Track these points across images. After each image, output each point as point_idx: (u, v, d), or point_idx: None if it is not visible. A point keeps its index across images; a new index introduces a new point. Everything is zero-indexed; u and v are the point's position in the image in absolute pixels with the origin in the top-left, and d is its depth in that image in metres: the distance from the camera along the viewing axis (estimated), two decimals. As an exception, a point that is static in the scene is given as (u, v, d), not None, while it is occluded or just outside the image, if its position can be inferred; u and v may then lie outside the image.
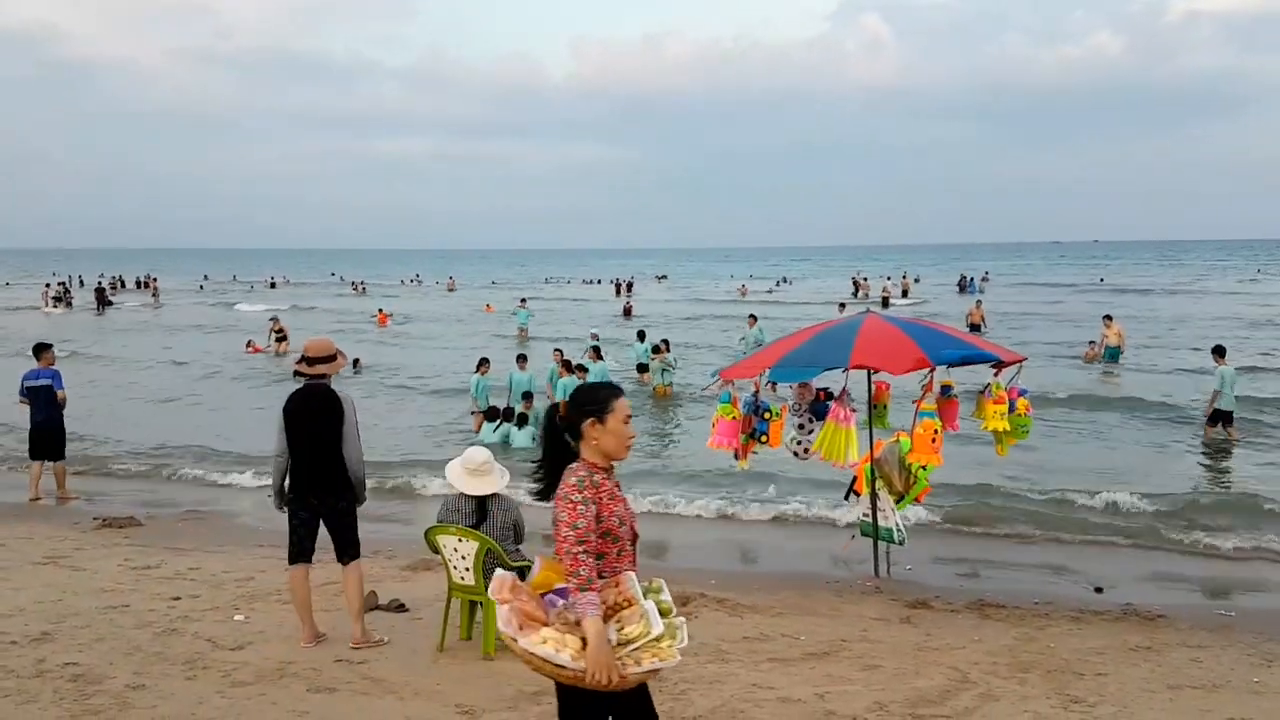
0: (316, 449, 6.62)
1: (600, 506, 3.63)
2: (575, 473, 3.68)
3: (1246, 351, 27.24)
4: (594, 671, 3.42)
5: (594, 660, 3.43)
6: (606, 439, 3.74)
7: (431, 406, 21.21)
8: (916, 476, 9.34)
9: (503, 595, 3.66)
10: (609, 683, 3.43)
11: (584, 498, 3.60)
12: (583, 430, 3.74)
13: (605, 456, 3.76)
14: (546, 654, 3.47)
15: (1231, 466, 14.38)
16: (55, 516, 11.84)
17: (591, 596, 3.50)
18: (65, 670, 6.24)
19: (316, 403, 6.65)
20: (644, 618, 3.58)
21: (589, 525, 3.58)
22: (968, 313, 32.74)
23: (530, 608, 3.63)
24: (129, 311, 53.32)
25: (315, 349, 6.78)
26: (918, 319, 9.87)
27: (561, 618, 3.60)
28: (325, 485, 6.65)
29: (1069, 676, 6.51)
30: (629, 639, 3.55)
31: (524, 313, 37.32)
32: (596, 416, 3.74)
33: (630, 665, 3.51)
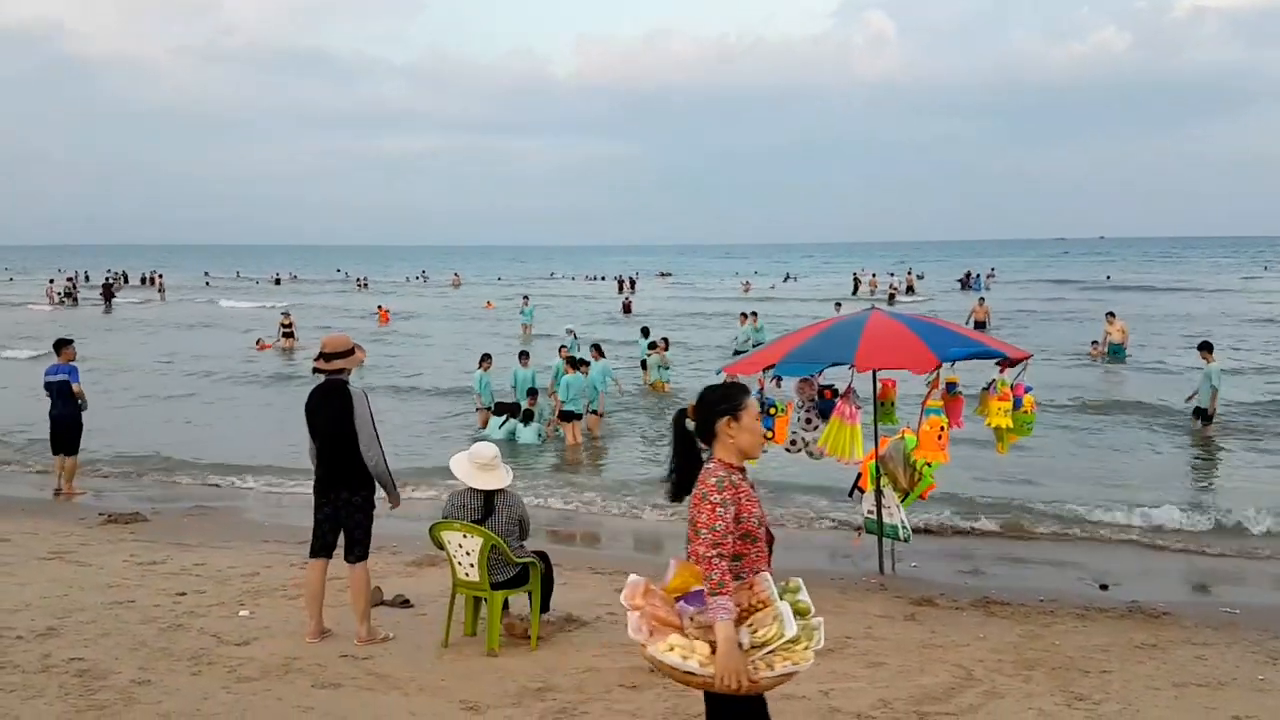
0: (332, 445, 6.65)
1: (739, 507, 3.58)
2: (713, 473, 3.61)
3: (1254, 349, 27.25)
4: (723, 676, 3.36)
5: (723, 665, 3.37)
6: (743, 436, 3.68)
7: (433, 403, 21.20)
8: (921, 473, 9.33)
9: (634, 601, 3.60)
10: (739, 687, 3.37)
11: (723, 499, 3.54)
12: (717, 430, 3.68)
13: (741, 455, 3.70)
14: (674, 662, 3.43)
15: (1235, 463, 14.35)
16: (61, 512, 11.87)
17: (724, 601, 3.43)
18: (71, 665, 6.26)
19: (331, 398, 6.68)
20: (778, 620, 3.50)
21: (726, 528, 3.51)
22: (971, 310, 32.65)
23: (663, 613, 3.57)
24: (135, 308, 53.42)
25: (333, 344, 6.80)
26: (922, 315, 9.85)
27: (696, 622, 3.53)
28: (340, 480, 6.68)
29: (1074, 674, 6.50)
30: (762, 642, 3.47)
31: (528, 310, 37.38)
32: (731, 415, 3.68)
33: (763, 669, 3.44)
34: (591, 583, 8.62)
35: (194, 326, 41.23)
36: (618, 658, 6.59)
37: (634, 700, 5.86)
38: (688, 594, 3.63)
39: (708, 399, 3.78)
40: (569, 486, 13.68)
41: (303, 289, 72.59)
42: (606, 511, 12.31)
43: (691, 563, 3.58)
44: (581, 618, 7.42)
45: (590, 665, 6.44)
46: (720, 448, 3.69)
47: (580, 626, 7.27)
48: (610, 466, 14.96)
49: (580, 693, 5.96)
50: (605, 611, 7.66)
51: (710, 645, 3.43)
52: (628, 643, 6.85)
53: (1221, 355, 25.44)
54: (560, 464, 15.21)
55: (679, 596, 3.65)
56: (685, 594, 3.64)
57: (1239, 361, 24.55)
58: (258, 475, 14.11)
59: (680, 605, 3.62)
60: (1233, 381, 19.59)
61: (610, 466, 14.96)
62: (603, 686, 6.06)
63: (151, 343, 34.26)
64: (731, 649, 3.39)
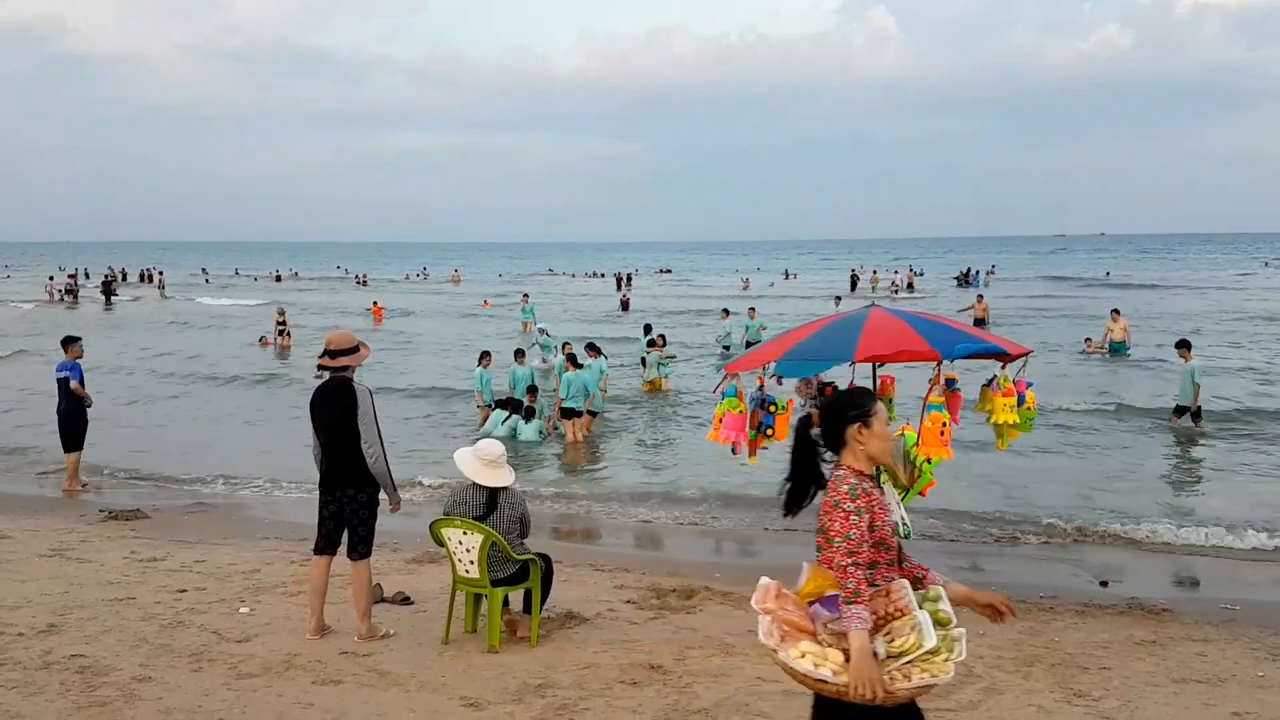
0: (336, 442, 6.66)
1: (873, 515, 3.53)
2: (844, 480, 3.56)
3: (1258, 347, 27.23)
4: (857, 686, 3.31)
5: (857, 675, 3.31)
6: (873, 443, 3.63)
7: (431, 400, 21.15)
8: (921, 470, 9.33)
9: (765, 605, 3.55)
10: (874, 698, 3.31)
11: (857, 506, 3.49)
12: (848, 436, 3.63)
13: (870, 461, 3.66)
14: (805, 669, 3.37)
15: (1232, 462, 14.35)
16: (61, 509, 11.89)
17: (860, 610, 3.38)
18: (72, 662, 6.27)
19: (334, 396, 6.70)
20: (916, 629, 3.41)
21: (861, 535, 3.47)
22: (971, 307, 32.65)
23: (796, 617, 3.52)
24: (134, 305, 53.38)
25: (337, 341, 6.81)
26: (923, 312, 9.85)
27: (829, 629, 3.48)
28: (344, 477, 6.69)
29: (1074, 670, 6.50)
30: (899, 651, 3.39)
31: (528, 307, 37.37)
32: (862, 421, 3.63)
33: (899, 680, 3.36)
34: (592, 579, 8.63)
35: (186, 325, 41.08)
36: (617, 654, 6.60)
37: (634, 697, 5.87)
38: (821, 598, 3.56)
39: (838, 405, 3.73)
40: (569, 483, 13.68)
41: (301, 286, 72.59)
42: (606, 508, 12.32)
43: (824, 568, 3.53)
44: (582, 614, 7.43)
45: (590, 662, 6.45)
46: (849, 454, 3.64)
47: (580, 623, 7.28)
48: (611, 464, 14.96)
49: (580, 689, 5.97)
50: (605, 608, 7.67)
51: (844, 653, 3.37)
52: (627, 639, 6.91)
53: (1228, 353, 25.55)
54: (561, 461, 15.22)
55: (812, 601, 3.58)
56: (819, 599, 3.57)
57: (1242, 360, 24.52)
58: (247, 483, 13.96)
59: (815, 609, 3.54)
60: (1235, 381, 19.56)
61: (611, 464, 14.96)
62: (603, 683, 6.07)
63: (143, 341, 34.16)
64: (866, 659, 3.33)
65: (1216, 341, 28.72)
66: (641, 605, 7.84)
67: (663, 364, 21.31)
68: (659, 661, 6.45)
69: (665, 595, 8.10)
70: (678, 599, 8.02)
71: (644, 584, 8.49)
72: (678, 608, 7.81)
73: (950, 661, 3.42)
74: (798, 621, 3.51)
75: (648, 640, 6.95)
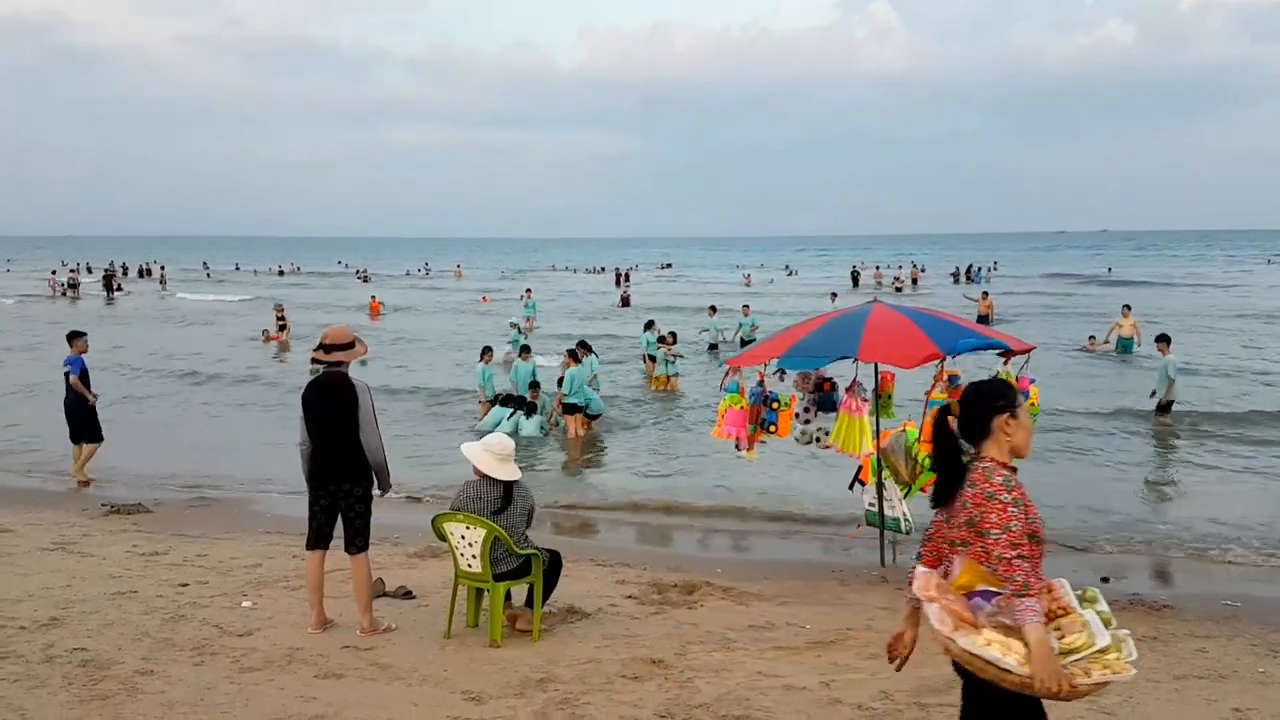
0: (332, 436, 6.66)
1: (1025, 507, 3.50)
2: (995, 472, 3.52)
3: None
4: (1043, 679, 3.29)
5: (1042, 668, 3.29)
6: (1019, 434, 3.60)
7: (422, 398, 21.06)
8: (923, 466, 9.34)
9: (929, 593, 3.53)
10: (1059, 690, 3.30)
11: (1014, 499, 3.46)
12: (994, 427, 3.59)
13: (1014, 453, 3.62)
14: (993, 656, 3.34)
15: (1234, 465, 14.35)
16: (64, 503, 11.90)
17: (1032, 603, 3.35)
18: (74, 655, 6.27)
19: (332, 390, 6.68)
20: (1086, 628, 3.44)
21: (1022, 528, 3.44)
22: (975, 301, 32.64)
23: (958, 608, 3.49)
24: (132, 300, 53.38)
25: (333, 336, 6.81)
26: (925, 308, 9.84)
27: (993, 621, 3.45)
28: (341, 472, 6.69)
29: (1075, 666, 6.50)
30: (1072, 649, 3.41)
31: (531, 303, 37.34)
32: (1010, 412, 3.60)
33: (1079, 676, 3.37)
34: (593, 574, 8.64)
35: (184, 322, 41.07)
36: (619, 649, 6.60)
37: (635, 691, 5.88)
38: (973, 592, 3.55)
39: (985, 394, 3.69)
40: (570, 478, 13.70)
41: (302, 281, 72.59)
42: (607, 503, 12.32)
43: (976, 562, 3.51)
44: (583, 609, 7.44)
45: (592, 656, 6.45)
46: (994, 445, 3.60)
47: (582, 618, 7.29)
48: (612, 459, 14.97)
49: (582, 684, 5.97)
50: (607, 603, 7.68)
51: (1023, 645, 3.35)
52: (629, 634, 6.92)
53: (1240, 353, 25.51)
54: (562, 456, 15.23)
55: (967, 594, 3.56)
56: (971, 592, 3.55)
57: (1246, 360, 24.48)
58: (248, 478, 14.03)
59: (975, 601, 3.51)
60: (1240, 382, 19.47)
61: (612, 459, 14.97)
62: (604, 678, 6.08)
63: (142, 336, 34.14)
64: (1048, 652, 3.31)
65: (1217, 340, 28.66)
66: (643, 600, 7.85)
67: (670, 361, 21.21)
68: (660, 656, 6.46)
69: (667, 590, 8.11)
70: (679, 594, 8.03)
71: (645, 579, 8.49)
72: (679, 603, 7.81)
73: (1123, 660, 3.46)
74: (960, 612, 3.48)
75: (649, 635, 6.95)
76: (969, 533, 3.52)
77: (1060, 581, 3.61)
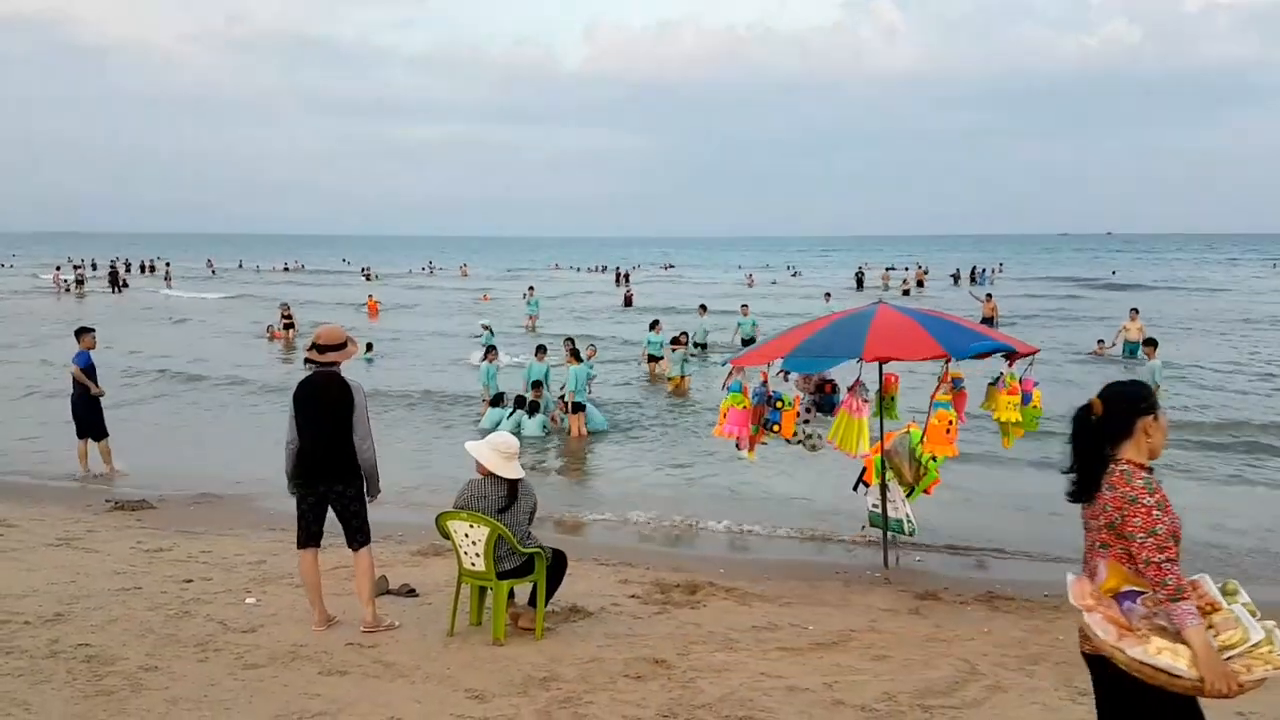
0: (324, 436, 6.66)
1: (1168, 510, 3.50)
2: (1136, 474, 3.52)
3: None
4: (1213, 681, 3.29)
5: (1210, 670, 3.30)
6: (1158, 437, 3.60)
7: (428, 395, 21.08)
8: (926, 468, 9.34)
9: (1086, 601, 3.54)
10: (1229, 691, 3.31)
11: (1156, 501, 3.46)
12: (1137, 427, 3.59)
13: (1151, 455, 3.62)
14: (1165, 664, 3.34)
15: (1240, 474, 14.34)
16: (68, 498, 11.92)
17: (1188, 605, 3.36)
18: (78, 651, 6.29)
19: (326, 390, 6.69)
20: (1239, 623, 3.44)
21: (1168, 530, 3.44)
22: (980, 302, 32.53)
23: (1113, 614, 3.50)
24: (139, 295, 53.45)
25: (327, 336, 6.81)
26: (930, 310, 9.84)
27: (1150, 625, 3.45)
28: (333, 472, 6.70)
29: (1078, 669, 6.45)
30: (1229, 645, 3.41)
31: (534, 301, 37.30)
32: (1154, 414, 3.59)
33: (1243, 673, 3.37)
34: (596, 574, 8.65)
35: (184, 320, 41.06)
36: (621, 648, 6.61)
37: (638, 690, 5.88)
38: (1119, 594, 3.55)
39: (1130, 394, 3.67)
40: (573, 477, 13.71)
41: (305, 279, 72.66)
42: (611, 502, 12.33)
43: (1119, 564, 3.51)
44: (586, 608, 7.44)
45: (594, 655, 6.46)
46: (1133, 447, 3.59)
47: (585, 617, 7.29)
48: (616, 458, 14.97)
49: (585, 683, 5.98)
50: (610, 603, 7.68)
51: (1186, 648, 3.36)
52: (631, 634, 6.92)
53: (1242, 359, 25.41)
54: (565, 455, 15.24)
55: (1113, 597, 3.58)
56: (1118, 594, 3.56)
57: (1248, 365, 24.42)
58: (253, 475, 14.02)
59: (1127, 606, 3.52)
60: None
61: (616, 458, 14.97)
62: (607, 677, 6.08)
63: (143, 335, 34.14)
64: (1214, 654, 3.32)
65: (1216, 345, 28.51)
66: (646, 600, 7.86)
67: (686, 361, 21.11)
68: (663, 656, 6.47)
69: (669, 590, 8.12)
70: (682, 594, 8.04)
71: (648, 579, 8.50)
72: (682, 603, 7.82)
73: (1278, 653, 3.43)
74: (1118, 619, 3.49)
75: (652, 635, 6.96)
76: (1110, 535, 3.53)
77: (1203, 577, 3.61)
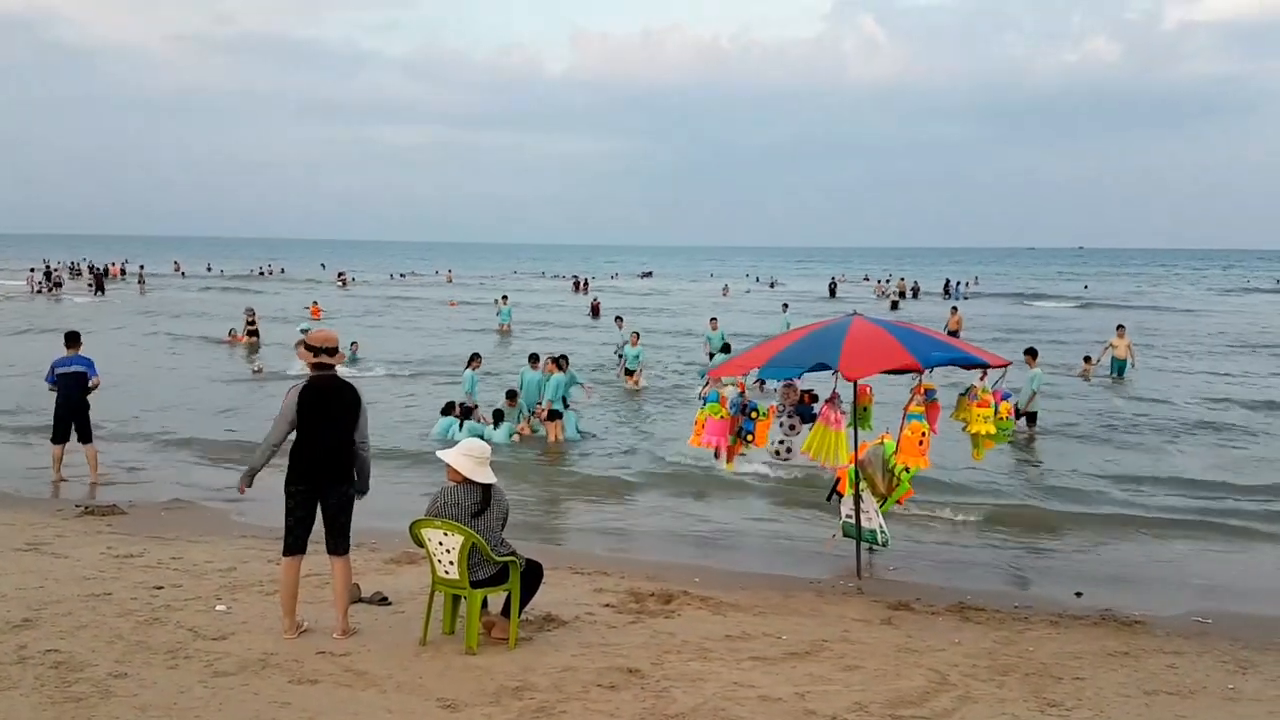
0: (334, 438, 6.70)
1: None
2: None
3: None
4: None
5: None
6: None
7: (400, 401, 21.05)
8: (899, 479, 9.41)
9: None
10: None
11: None
12: None
13: None
14: None
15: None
16: (37, 503, 11.79)
17: None
18: (47, 657, 6.23)
19: (338, 394, 6.75)
20: None
21: None
22: (946, 321, 32.47)
23: None
24: (110, 299, 52.90)
25: (324, 340, 6.83)
26: (904, 321, 9.92)
27: None
28: (334, 475, 6.73)
29: (1047, 680, 6.56)
30: None
31: (506, 309, 37.13)
32: None
33: None
34: (571, 582, 8.64)
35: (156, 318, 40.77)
36: (595, 658, 6.61)
37: (611, 700, 5.89)
38: None
39: None
40: (549, 485, 13.68)
41: (279, 284, 72.20)
42: (587, 510, 12.32)
43: None
44: (560, 617, 7.44)
45: (568, 665, 6.46)
46: None
47: (559, 626, 7.29)
48: (591, 467, 14.94)
49: (558, 692, 5.98)
50: (584, 611, 7.68)
51: None
52: (605, 643, 6.93)
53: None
54: (541, 463, 15.19)
55: None
56: None
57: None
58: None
59: None
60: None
61: (591, 467, 14.94)
62: (580, 686, 6.08)
63: (121, 338, 33.84)
64: None
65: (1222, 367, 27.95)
66: (620, 609, 7.86)
67: (640, 356, 22.07)
68: (636, 665, 6.47)
69: (644, 599, 8.12)
70: (656, 603, 8.05)
71: (623, 587, 8.50)
72: (656, 611, 7.83)
73: None
74: None
75: (626, 644, 6.96)
76: None
77: None
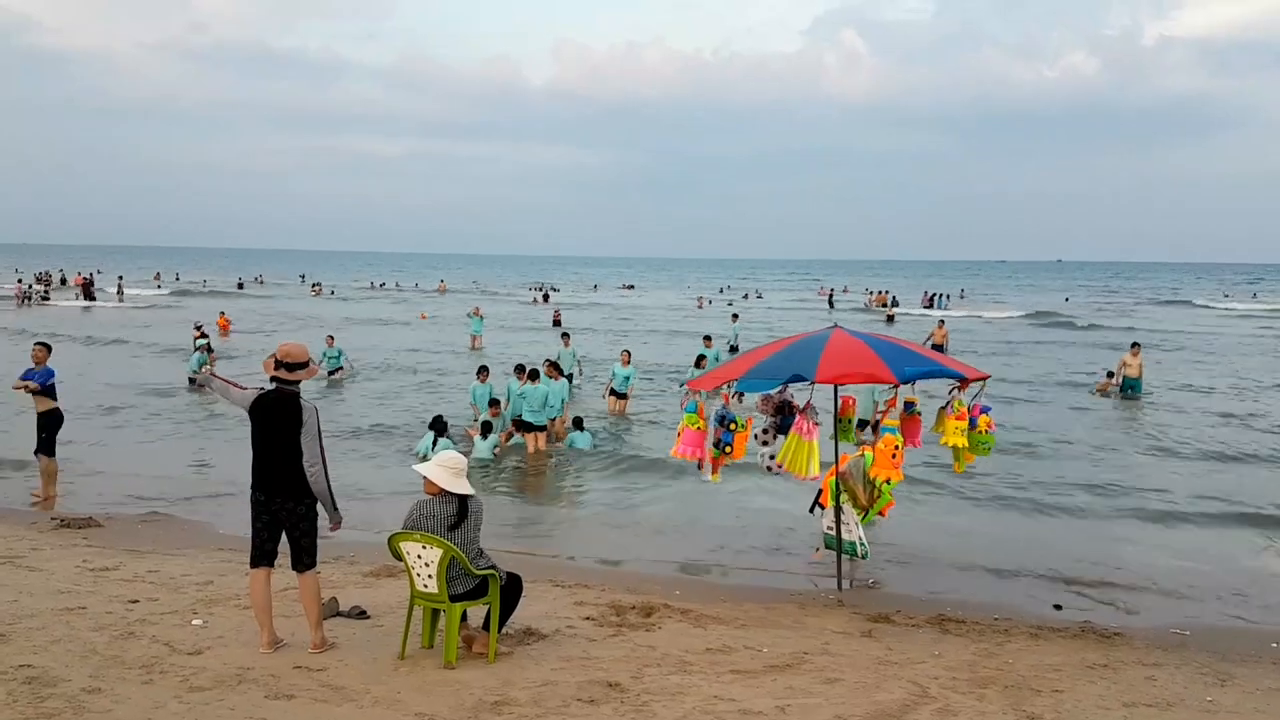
0: (277, 453, 6.60)
1: None
2: None
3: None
4: None
5: None
6: None
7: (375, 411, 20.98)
8: (880, 491, 9.43)
9: None
10: None
11: None
12: None
13: None
14: None
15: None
16: (11, 516, 11.66)
17: None
18: (20, 672, 6.15)
19: (281, 407, 6.64)
20: None
21: None
22: (930, 334, 32.47)
23: None
24: (90, 309, 52.56)
25: (293, 354, 6.74)
26: (884, 335, 9.96)
27: None
28: (283, 489, 6.63)
29: (1026, 692, 6.57)
30: None
31: (477, 321, 36.96)
32: None
33: None
34: (551, 595, 8.61)
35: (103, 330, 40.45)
36: (575, 671, 6.58)
37: (591, 714, 5.86)
38: None
39: None
40: (528, 497, 13.65)
41: (256, 294, 71.93)
42: (567, 523, 12.29)
43: None
44: (540, 631, 7.40)
45: (548, 679, 6.42)
46: None
47: (539, 640, 7.25)
48: (571, 478, 14.93)
49: (537, 706, 5.94)
50: (564, 625, 7.65)
51: None
52: (586, 657, 6.90)
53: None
54: (521, 474, 15.15)
55: None
56: None
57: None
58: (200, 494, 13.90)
59: None
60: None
61: (571, 478, 14.93)
62: (560, 700, 6.05)
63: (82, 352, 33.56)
64: None
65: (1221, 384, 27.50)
66: (601, 622, 7.83)
67: (630, 378, 21.12)
68: (617, 679, 6.44)
69: (625, 612, 8.09)
70: (637, 616, 8.02)
71: (604, 601, 8.47)
72: (637, 625, 7.80)
73: None
74: None
75: (606, 658, 6.93)
76: None
77: None
